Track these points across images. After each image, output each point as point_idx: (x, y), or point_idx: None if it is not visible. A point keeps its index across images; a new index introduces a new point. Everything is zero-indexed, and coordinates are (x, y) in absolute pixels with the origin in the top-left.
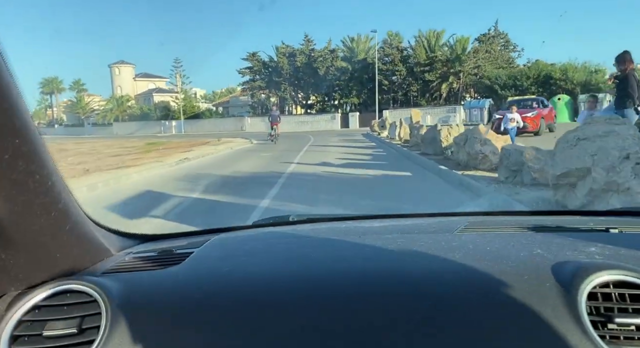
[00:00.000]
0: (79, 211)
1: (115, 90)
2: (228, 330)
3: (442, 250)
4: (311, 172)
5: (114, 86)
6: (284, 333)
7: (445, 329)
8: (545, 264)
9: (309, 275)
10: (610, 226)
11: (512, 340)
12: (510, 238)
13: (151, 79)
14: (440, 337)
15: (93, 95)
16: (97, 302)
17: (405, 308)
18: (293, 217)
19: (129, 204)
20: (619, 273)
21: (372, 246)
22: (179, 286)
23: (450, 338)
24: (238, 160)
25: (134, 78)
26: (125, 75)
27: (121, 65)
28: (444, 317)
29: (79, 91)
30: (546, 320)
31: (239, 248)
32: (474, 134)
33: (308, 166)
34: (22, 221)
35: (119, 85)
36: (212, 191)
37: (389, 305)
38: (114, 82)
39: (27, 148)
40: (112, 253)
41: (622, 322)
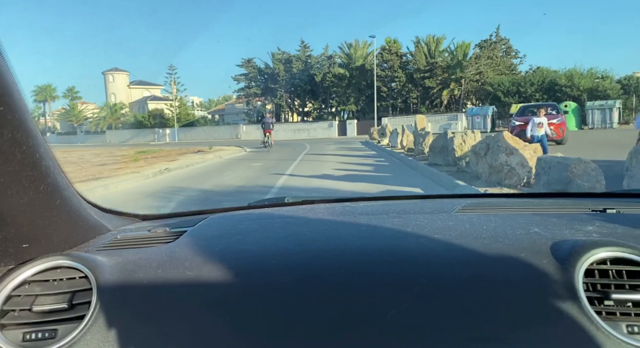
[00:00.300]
0: (69, 187)
1: (109, 97)
2: (222, 306)
3: (439, 229)
4: (304, 186)
5: (108, 94)
6: (280, 309)
7: (442, 306)
8: (542, 242)
9: (303, 253)
10: (607, 207)
11: (509, 316)
12: (507, 218)
13: (146, 87)
14: (436, 314)
15: (87, 103)
16: (87, 277)
17: (401, 285)
18: (288, 199)
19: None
20: (616, 250)
21: (368, 225)
22: (171, 263)
23: (447, 315)
24: (224, 171)
25: (129, 85)
26: (120, 83)
27: (115, 72)
28: (440, 294)
29: (72, 99)
30: (543, 296)
31: (234, 227)
32: (498, 142)
33: (301, 179)
34: (10, 193)
35: (112, 92)
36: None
37: (384, 282)
38: (107, 89)
39: (12, 116)
40: (106, 231)
41: (618, 298)
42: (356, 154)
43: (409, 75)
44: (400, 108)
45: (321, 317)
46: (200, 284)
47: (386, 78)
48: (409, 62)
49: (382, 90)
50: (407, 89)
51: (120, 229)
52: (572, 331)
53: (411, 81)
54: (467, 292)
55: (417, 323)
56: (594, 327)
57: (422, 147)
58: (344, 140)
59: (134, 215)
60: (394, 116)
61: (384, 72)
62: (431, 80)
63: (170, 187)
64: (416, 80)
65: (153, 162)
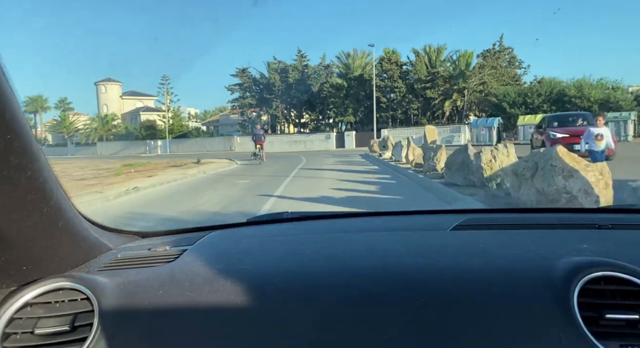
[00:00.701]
0: (71, 208)
1: (101, 108)
2: (222, 328)
3: (435, 248)
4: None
5: (100, 105)
6: (279, 331)
7: (437, 326)
8: (536, 261)
9: (303, 274)
10: (602, 223)
11: (504, 336)
12: (503, 235)
13: (139, 97)
14: (431, 334)
15: (80, 114)
16: (89, 299)
17: (398, 306)
18: (287, 214)
19: None
20: (610, 270)
21: (366, 243)
22: (172, 283)
23: (442, 336)
24: (204, 190)
25: (121, 96)
26: (112, 94)
27: (108, 83)
28: (436, 315)
29: (64, 110)
30: (538, 316)
31: (233, 246)
32: (551, 160)
33: (293, 202)
34: (14, 217)
35: (105, 103)
36: (179, 228)
37: (382, 303)
38: (100, 100)
39: (19, 143)
40: (106, 251)
41: (613, 318)
42: (357, 169)
43: (410, 86)
44: (401, 119)
45: (320, 338)
46: (200, 305)
47: (386, 88)
48: (409, 72)
49: (382, 100)
50: (407, 99)
51: (121, 248)
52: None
53: (412, 91)
54: (462, 312)
55: (414, 344)
56: (588, 346)
57: (434, 162)
58: (343, 152)
59: (134, 233)
60: (394, 128)
61: (383, 82)
62: (432, 90)
63: (129, 214)
64: (417, 90)
65: (134, 176)
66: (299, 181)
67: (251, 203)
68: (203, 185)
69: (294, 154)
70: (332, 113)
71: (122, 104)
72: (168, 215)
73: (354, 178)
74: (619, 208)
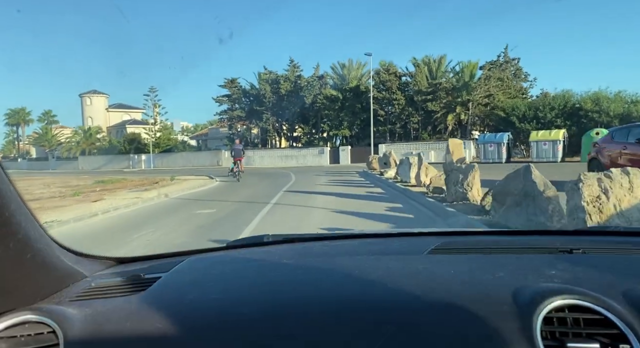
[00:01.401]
0: (43, 238)
1: (85, 121)
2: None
3: (409, 273)
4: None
5: (85, 117)
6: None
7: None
8: (505, 288)
9: (273, 302)
10: (574, 247)
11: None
12: (476, 260)
13: (126, 110)
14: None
15: (65, 127)
16: (55, 332)
17: (369, 334)
18: (268, 237)
19: None
20: (573, 298)
21: (341, 268)
22: (140, 314)
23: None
24: (142, 226)
25: (107, 109)
26: (97, 106)
27: (93, 95)
28: (406, 342)
29: (49, 123)
30: (502, 344)
31: (208, 272)
32: None
33: None
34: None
35: (90, 116)
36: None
37: (353, 330)
38: (84, 112)
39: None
40: (81, 278)
41: (575, 347)
42: (357, 194)
43: (409, 98)
44: (399, 134)
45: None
46: (168, 337)
47: (384, 100)
48: (409, 83)
49: (380, 113)
50: (407, 112)
51: (96, 275)
52: None
53: (411, 104)
54: (429, 340)
55: None
56: None
57: (465, 188)
58: (338, 169)
59: (111, 259)
60: (392, 142)
61: (381, 94)
62: (434, 103)
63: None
64: (417, 103)
65: (97, 197)
66: (281, 210)
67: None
68: (148, 218)
69: (285, 170)
70: (326, 126)
71: (108, 116)
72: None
73: (355, 207)
74: (595, 231)
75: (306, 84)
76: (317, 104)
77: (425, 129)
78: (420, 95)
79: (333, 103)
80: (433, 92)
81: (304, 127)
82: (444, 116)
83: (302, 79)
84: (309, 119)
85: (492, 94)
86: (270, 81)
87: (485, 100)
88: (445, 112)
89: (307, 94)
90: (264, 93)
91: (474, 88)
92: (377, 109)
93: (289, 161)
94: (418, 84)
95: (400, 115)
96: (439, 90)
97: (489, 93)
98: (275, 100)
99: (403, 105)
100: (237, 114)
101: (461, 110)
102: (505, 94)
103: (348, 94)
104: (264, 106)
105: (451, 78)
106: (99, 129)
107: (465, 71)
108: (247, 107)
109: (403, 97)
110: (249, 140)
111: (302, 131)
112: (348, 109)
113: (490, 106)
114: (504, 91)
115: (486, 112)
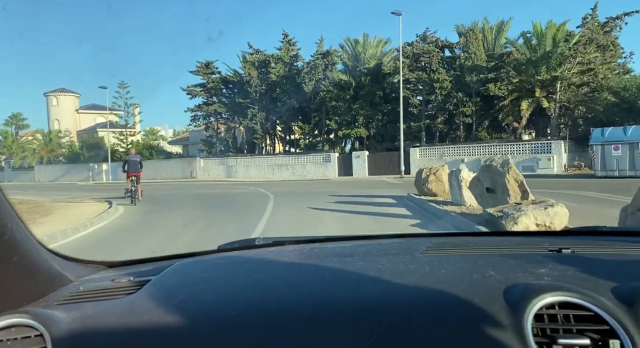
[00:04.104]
0: (29, 241)
1: (51, 124)
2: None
3: (399, 273)
4: None
5: (51, 120)
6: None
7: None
8: (496, 286)
9: (263, 303)
10: (563, 246)
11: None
12: (467, 260)
13: (100, 112)
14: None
15: (38, 132)
16: (43, 336)
17: (359, 335)
18: (259, 240)
19: None
20: (563, 295)
21: (332, 269)
22: (130, 316)
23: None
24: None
25: (77, 110)
26: (65, 107)
27: (60, 94)
28: (395, 343)
29: (18, 127)
30: (494, 342)
31: (198, 275)
32: None
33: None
34: None
35: (56, 118)
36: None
37: (342, 330)
38: (50, 114)
39: None
40: (68, 282)
41: (565, 343)
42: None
43: (458, 80)
44: (442, 132)
45: None
46: (158, 338)
47: (418, 84)
48: (457, 58)
49: (412, 103)
50: (454, 100)
51: (84, 279)
52: None
53: (461, 88)
54: (419, 339)
55: None
56: None
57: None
58: (352, 185)
59: (100, 263)
60: (431, 145)
61: (414, 75)
62: (498, 85)
63: None
64: (470, 85)
65: None
66: None
67: None
68: None
69: (271, 185)
70: (333, 124)
71: (78, 119)
72: None
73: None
74: (583, 231)
75: (306, 66)
76: (322, 94)
77: (481, 125)
78: (475, 74)
79: (343, 91)
80: (496, 68)
81: (303, 125)
82: (515, 103)
83: (299, 59)
84: (309, 114)
85: (594, 69)
86: (258, 64)
87: (582, 78)
88: (517, 97)
89: (308, 81)
90: (249, 80)
91: (566, 58)
92: (409, 96)
93: (283, 172)
94: (472, 57)
95: (443, 104)
96: (505, 65)
97: (589, 67)
98: (265, 89)
99: (448, 90)
100: (215, 109)
101: (541, 94)
102: (610, 69)
103: (364, 78)
104: (249, 98)
105: (521, 46)
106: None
107: (546, 36)
108: (228, 99)
109: (448, 77)
110: (230, 144)
111: (301, 131)
112: (364, 98)
113: (591, 87)
114: (608, 65)
115: (583, 97)
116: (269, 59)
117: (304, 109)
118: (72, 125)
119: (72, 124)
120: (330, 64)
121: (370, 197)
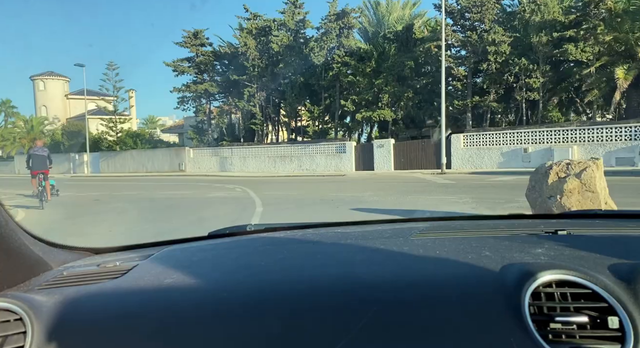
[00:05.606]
0: (9, 225)
1: (38, 111)
2: (166, 345)
3: (393, 255)
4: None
5: (37, 106)
6: (227, 341)
7: (390, 333)
8: (492, 266)
9: (254, 285)
10: (559, 228)
11: (456, 340)
12: (461, 241)
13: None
14: (384, 341)
15: (22, 118)
16: (22, 320)
17: (351, 314)
18: (250, 227)
19: None
20: (560, 273)
21: (325, 253)
22: (115, 300)
23: (394, 342)
24: None
25: (67, 96)
26: (54, 91)
27: (48, 77)
28: (389, 321)
29: (7, 115)
30: (490, 320)
31: (187, 259)
32: None
33: None
34: None
35: (43, 104)
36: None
37: (335, 311)
38: (37, 99)
39: None
40: (50, 268)
41: (563, 321)
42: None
43: (520, 42)
44: (495, 112)
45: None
46: (144, 322)
47: (463, 50)
48: (519, 13)
49: (455, 74)
50: (513, 69)
51: (68, 265)
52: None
53: (524, 52)
54: (414, 317)
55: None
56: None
57: None
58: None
59: (87, 249)
60: (480, 130)
61: (458, 38)
62: (581, 46)
63: None
64: (537, 48)
65: None
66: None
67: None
68: None
69: (269, 185)
70: (349, 105)
71: (67, 105)
72: None
73: None
74: (578, 214)
75: (315, 33)
76: (335, 67)
77: (549, 102)
78: (545, 33)
79: (363, 63)
80: (576, 23)
81: (311, 107)
82: (603, 72)
83: (307, 25)
84: (320, 93)
85: None
86: (256, 32)
87: None
88: (606, 63)
89: (318, 50)
90: (245, 51)
91: None
92: (451, 67)
93: (287, 165)
94: (541, 10)
95: (498, 75)
96: (591, 18)
97: None
98: (265, 63)
99: (506, 55)
100: (206, 89)
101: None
102: None
103: (389, 46)
104: (246, 74)
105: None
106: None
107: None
108: (221, 77)
109: (507, 38)
110: (224, 131)
111: (310, 115)
112: (390, 72)
113: None
114: None
115: None
116: (270, 25)
117: (312, 87)
118: (62, 112)
119: (62, 111)
120: (346, 27)
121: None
